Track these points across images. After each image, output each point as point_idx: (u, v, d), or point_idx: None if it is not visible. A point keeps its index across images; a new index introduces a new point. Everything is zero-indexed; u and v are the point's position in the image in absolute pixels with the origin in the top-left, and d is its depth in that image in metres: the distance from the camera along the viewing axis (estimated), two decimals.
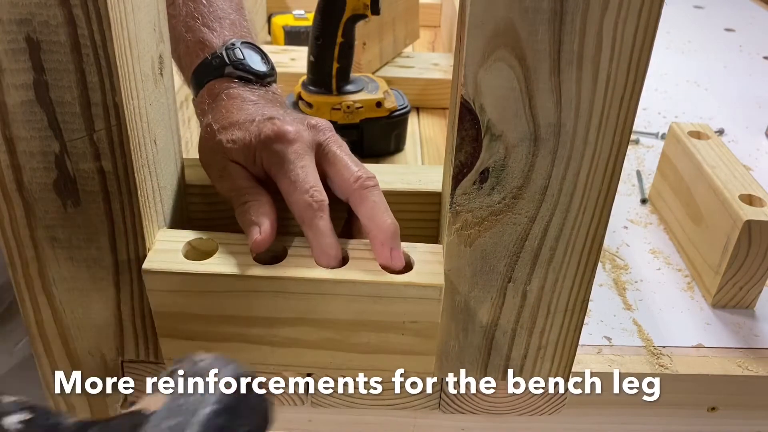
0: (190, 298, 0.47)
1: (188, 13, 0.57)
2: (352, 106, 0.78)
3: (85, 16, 0.39)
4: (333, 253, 0.47)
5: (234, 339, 0.49)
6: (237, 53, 0.56)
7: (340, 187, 0.50)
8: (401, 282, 0.46)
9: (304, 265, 0.47)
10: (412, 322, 0.48)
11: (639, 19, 0.38)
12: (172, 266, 0.47)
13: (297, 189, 0.48)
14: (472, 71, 0.40)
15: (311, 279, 0.46)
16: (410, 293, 0.46)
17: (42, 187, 0.45)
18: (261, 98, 0.55)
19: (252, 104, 0.54)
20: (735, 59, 1.28)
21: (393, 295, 0.46)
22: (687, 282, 0.69)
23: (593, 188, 0.44)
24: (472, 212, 0.45)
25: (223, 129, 0.52)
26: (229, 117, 0.52)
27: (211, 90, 0.56)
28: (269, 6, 1.25)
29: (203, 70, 0.56)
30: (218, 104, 0.54)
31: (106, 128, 0.43)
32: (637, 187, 0.86)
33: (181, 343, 0.50)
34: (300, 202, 0.47)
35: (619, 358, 0.59)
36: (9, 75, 0.41)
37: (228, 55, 0.56)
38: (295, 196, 0.48)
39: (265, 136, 0.50)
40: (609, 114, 0.41)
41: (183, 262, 0.47)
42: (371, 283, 0.46)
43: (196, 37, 0.57)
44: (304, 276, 0.46)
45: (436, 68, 0.98)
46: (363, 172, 0.49)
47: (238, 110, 0.53)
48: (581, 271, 0.47)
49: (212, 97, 0.55)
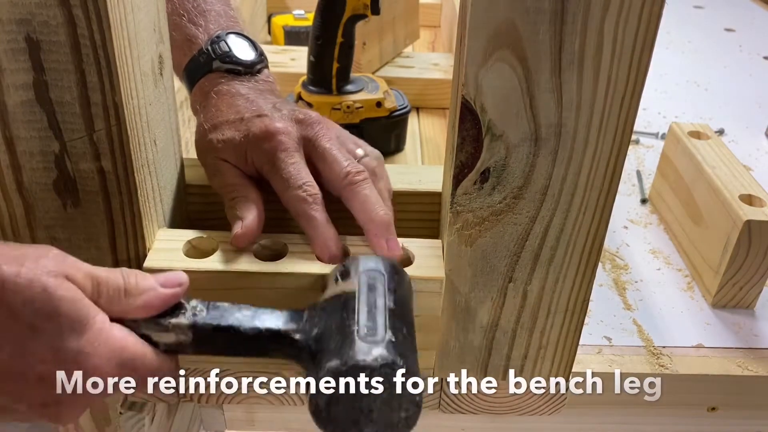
0: (191, 296, 0.47)
1: (174, 10, 0.57)
2: (352, 106, 0.78)
3: (85, 16, 0.39)
4: (333, 245, 0.47)
5: None
6: (222, 46, 0.56)
7: (331, 183, 0.50)
8: None
9: (304, 260, 0.47)
10: (414, 316, 0.48)
11: (640, 19, 0.38)
12: (173, 264, 0.47)
13: (290, 186, 0.48)
14: (473, 71, 0.40)
15: (312, 274, 0.47)
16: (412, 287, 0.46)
17: (42, 187, 0.45)
18: (251, 90, 0.55)
19: (242, 98, 0.54)
20: (735, 59, 1.28)
21: None
22: (687, 282, 0.69)
23: (594, 188, 0.44)
24: (473, 212, 0.45)
25: (213, 128, 0.52)
26: (219, 116, 0.53)
27: (201, 88, 0.56)
28: (269, 6, 1.25)
29: (193, 68, 0.56)
30: (209, 102, 0.55)
31: (106, 128, 0.43)
32: (637, 187, 0.86)
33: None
34: (294, 198, 0.48)
35: (619, 358, 0.59)
36: (9, 75, 0.41)
37: (214, 49, 0.56)
38: (289, 192, 0.48)
39: (254, 135, 0.50)
40: (610, 114, 0.41)
41: (184, 260, 0.47)
42: None
43: (183, 35, 0.57)
44: (305, 271, 0.47)
45: (436, 68, 0.98)
46: (352, 167, 0.50)
47: (227, 107, 0.53)
48: (582, 271, 0.47)
49: (203, 96, 0.56)
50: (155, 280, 0.40)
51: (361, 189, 0.49)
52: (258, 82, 0.56)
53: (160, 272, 0.46)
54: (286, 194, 0.48)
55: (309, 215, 0.47)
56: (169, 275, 0.41)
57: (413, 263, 0.48)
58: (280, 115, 0.52)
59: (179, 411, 0.64)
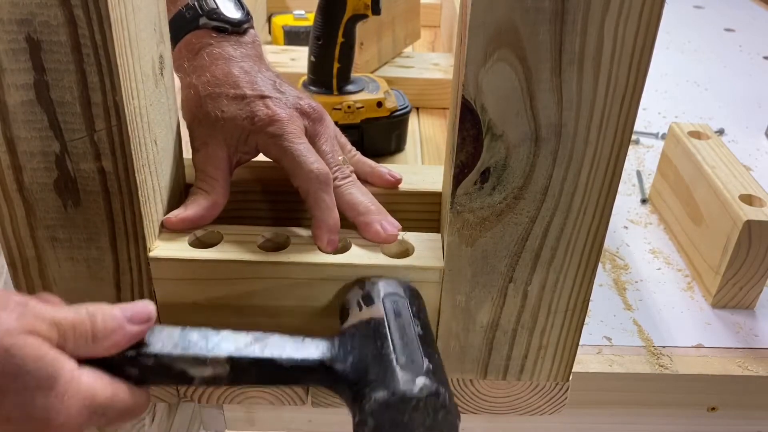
0: (196, 287, 0.48)
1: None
2: (352, 106, 0.78)
3: (85, 16, 0.39)
4: (334, 229, 0.49)
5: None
6: (210, 2, 0.55)
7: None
8: (402, 265, 0.47)
9: (307, 251, 0.48)
10: None
11: (640, 19, 0.38)
12: (179, 254, 0.47)
13: (301, 164, 0.49)
14: (474, 71, 0.40)
15: (314, 263, 0.47)
16: (411, 276, 0.47)
17: (42, 187, 0.45)
18: (245, 58, 0.55)
19: (237, 67, 0.53)
20: (735, 59, 1.28)
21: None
22: (687, 282, 0.69)
23: (594, 188, 0.44)
24: (473, 212, 0.45)
25: (210, 98, 0.52)
26: (215, 83, 0.52)
27: (189, 45, 0.55)
28: (269, 6, 1.25)
29: (178, 22, 0.55)
30: (200, 63, 0.54)
31: (107, 128, 0.43)
32: (637, 187, 0.86)
33: None
34: (307, 177, 0.49)
35: (619, 358, 0.59)
36: (9, 75, 0.41)
37: (201, 5, 0.55)
38: (300, 171, 0.49)
39: (260, 120, 0.50)
40: (610, 114, 0.41)
41: (190, 249, 0.48)
42: (373, 267, 0.47)
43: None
44: (308, 261, 0.47)
45: (436, 68, 0.98)
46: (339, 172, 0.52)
47: (224, 76, 0.52)
48: (582, 271, 0.47)
49: (192, 53, 0.55)
50: (122, 314, 0.39)
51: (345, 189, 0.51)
52: (247, 46, 0.56)
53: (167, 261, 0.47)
54: (298, 172, 0.49)
55: (318, 195, 0.49)
56: (137, 308, 0.40)
57: (412, 254, 0.48)
58: (285, 102, 0.52)
59: (179, 411, 0.64)
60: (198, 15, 0.55)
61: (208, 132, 0.52)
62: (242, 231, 0.50)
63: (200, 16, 0.55)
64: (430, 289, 0.48)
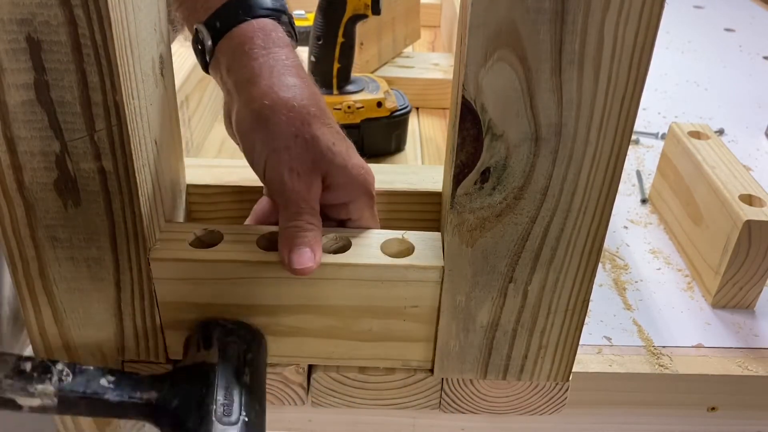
0: (197, 286, 0.48)
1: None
2: (353, 106, 0.78)
3: (85, 16, 0.39)
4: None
5: None
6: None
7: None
8: (402, 264, 0.47)
9: None
10: (413, 306, 0.49)
11: (640, 19, 0.38)
12: (179, 254, 0.47)
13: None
14: (474, 71, 0.40)
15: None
16: (411, 276, 0.47)
17: (43, 187, 0.45)
18: (299, 80, 0.50)
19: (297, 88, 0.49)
20: (735, 59, 1.28)
21: (394, 279, 0.47)
22: (687, 282, 0.69)
23: (594, 188, 0.44)
24: (473, 212, 0.45)
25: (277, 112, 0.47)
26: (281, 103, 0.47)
27: (240, 42, 0.50)
28: None
29: (227, 12, 0.50)
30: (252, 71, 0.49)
31: (107, 128, 0.43)
32: (637, 187, 0.86)
33: (185, 334, 0.50)
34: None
35: (619, 358, 0.59)
36: (10, 75, 0.41)
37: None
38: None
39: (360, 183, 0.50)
40: (610, 114, 0.41)
41: (190, 249, 0.48)
42: (373, 266, 0.47)
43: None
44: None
45: (436, 68, 0.98)
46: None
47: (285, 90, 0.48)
48: (582, 271, 0.47)
49: (239, 54, 0.50)
50: None
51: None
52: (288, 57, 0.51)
53: (168, 261, 0.47)
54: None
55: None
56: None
57: (412, 254, 0.48)
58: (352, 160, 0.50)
59: None
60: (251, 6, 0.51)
61: (279, 164, 0.48)
62: (242, 231, 0.50)
63: (258, 8, 0.51)
64: (430, 288, 0.48)
